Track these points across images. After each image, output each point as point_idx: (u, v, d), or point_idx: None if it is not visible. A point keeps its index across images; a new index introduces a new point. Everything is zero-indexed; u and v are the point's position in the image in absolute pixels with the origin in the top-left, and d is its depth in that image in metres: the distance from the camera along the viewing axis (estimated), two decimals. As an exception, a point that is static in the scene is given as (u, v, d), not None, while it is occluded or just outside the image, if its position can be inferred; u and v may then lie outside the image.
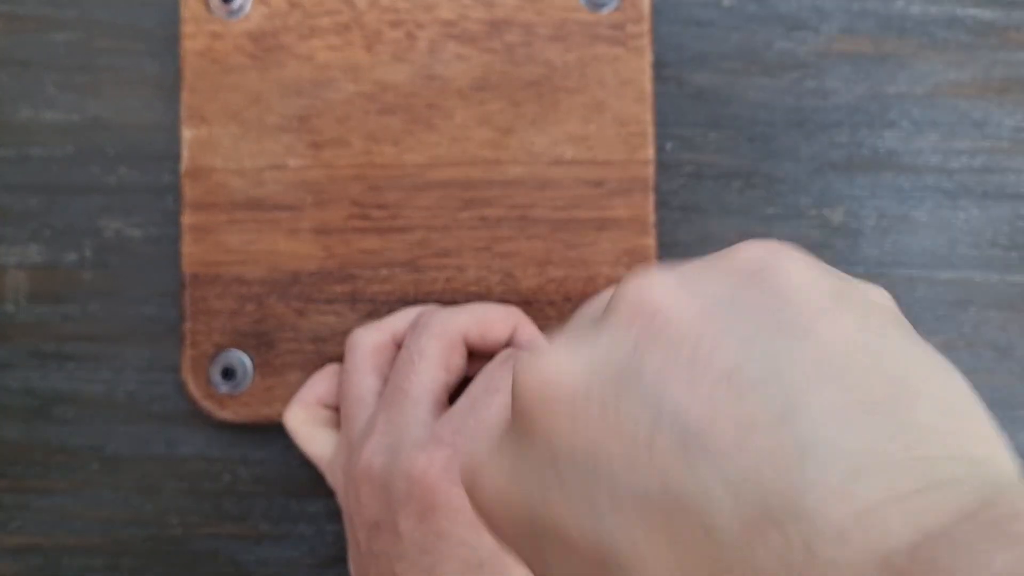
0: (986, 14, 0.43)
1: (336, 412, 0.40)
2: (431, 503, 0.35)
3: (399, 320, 0.39)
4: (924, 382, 0.18)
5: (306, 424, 0.40)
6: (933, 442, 0.17)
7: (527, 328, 0.40)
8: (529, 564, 0.21)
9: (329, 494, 0.43)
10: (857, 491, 0.16)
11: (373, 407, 0.38)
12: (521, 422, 0.20)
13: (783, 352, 0.18)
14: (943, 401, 0.18)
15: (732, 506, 0.17)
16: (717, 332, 0.19)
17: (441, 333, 0.38)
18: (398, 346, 0.39)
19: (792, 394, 0.18)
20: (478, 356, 0.39)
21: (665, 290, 0.20)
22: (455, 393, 0.38)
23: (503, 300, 0.41)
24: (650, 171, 0.41)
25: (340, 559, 0.43)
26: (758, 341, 0.18)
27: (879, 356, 0.18)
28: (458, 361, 0.38)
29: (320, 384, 0.40)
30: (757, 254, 0.20)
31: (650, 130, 0.41)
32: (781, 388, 0.18)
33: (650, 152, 0.41)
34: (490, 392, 0.36)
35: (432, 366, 0.37)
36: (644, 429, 0.18)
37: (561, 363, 0.20)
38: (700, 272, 0.21)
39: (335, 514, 0.43)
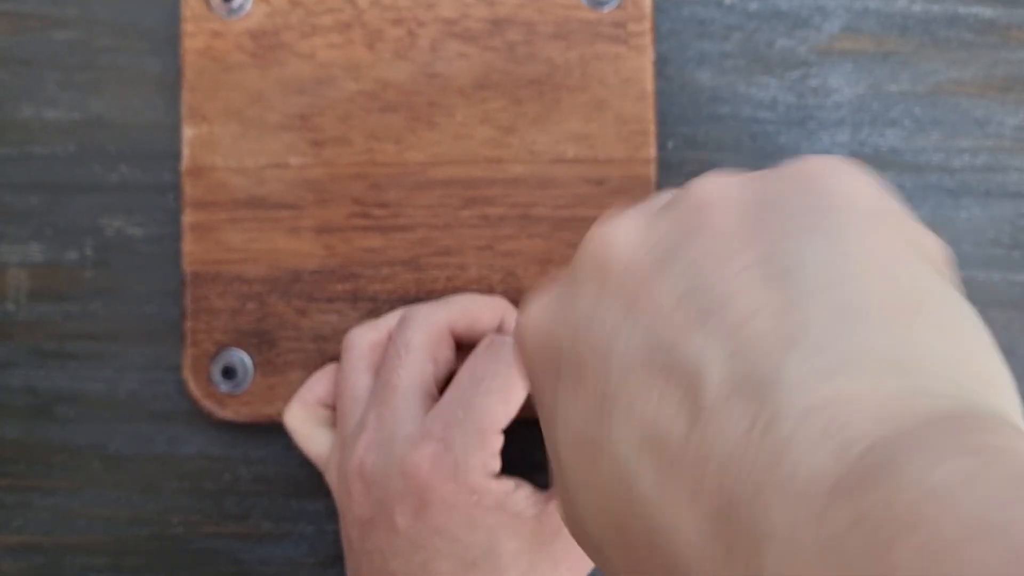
0: (988, 12, 0.43)
1: (335, 411, 0.40)
2: (426, 499, 0.35)
3: (395, 319, 0.39)
4: (935, 311, 0.20)
5: (306, 424, 0.40)
6: (923, 360, 0.18)
7: (514, 319, 0.39)
8: (539, 399, 0.24)
9: (329, 493, 0.43)
10: (830, 383, 0.18)
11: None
12: (579, 270, 0.23)
13: (811, 249, 0.20)
14: (950, 332, 0.19)
15: (720, 374, 0.19)
16: (756, 225, 0.21)
17: (426, 325, 0.38)
18: None
19: (805, 287, 0.19)
20: (467, 347, 0.39)
21: (721, 190, 0.22)
22: (446, 385, 0.38)
23: (504, 298, 0.41)
24: (652, 169, 0.41)
25: (341, 558, 0.43)
26: (793, 236, 0.20)
27: (898, 275, 0.20)
28: (446, 352, 0.38)
29: (319, 384, 0.40)
30: (820, 164, 0.22)
31: (652, 128, 0.41)
32: (798, 280, 0.19)
33: (652, 150, 0.41)
34: (475, 381, 0.36)
35: (419, 359, 0.37)
36: (677, 292, 0.21)
37: (628, 231, 0.23)
38: (759, 177, 0.23)
39: (336, 513, 0.43)
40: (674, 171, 0.43)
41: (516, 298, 0.41)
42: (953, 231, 0.43)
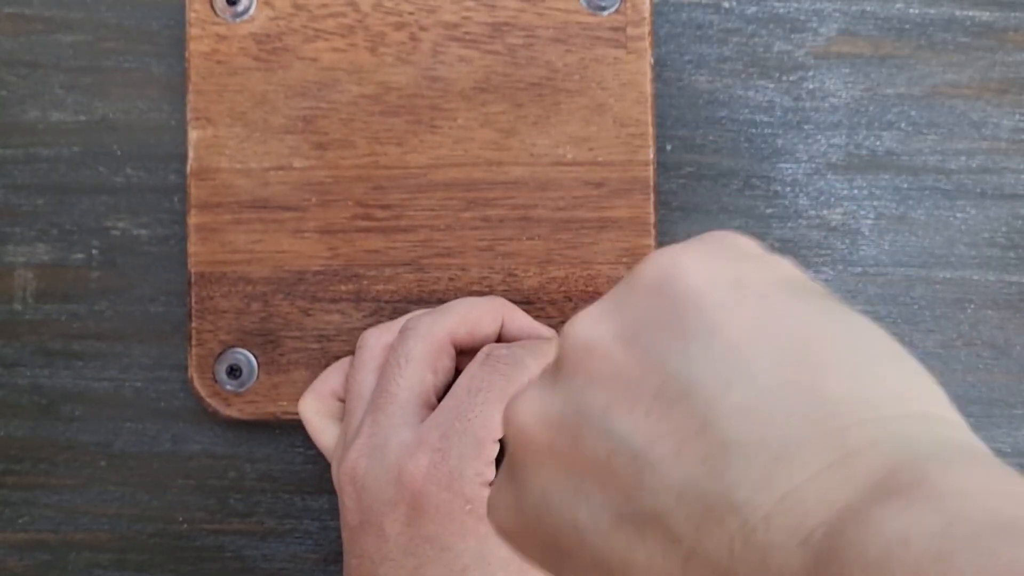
0: (984, 16, 0.44)
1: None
2: (420, 507, 0.35)
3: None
4: (829, 351, 0.20)
5: (318, 415, 0.40)
6: (842, 412, 0.19)
7: (515, 316, 0.40)
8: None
9: (333, 490, 0.43)
10: (776, 478, 0.19)
11: None
12: (512, 463, 0.24)
13: (697, 360, 0.21)
14: (848, 366, 0.20)
15: (681, 510, 0.20)
16: (640, 357, 0.22)
17: (427, 336, 0.38)
18: None
19: (710, 400, 0.20)
20: (468, 353, 0.39)
21: (593, 330, 0.23)
22: (445, 393, 0.39)
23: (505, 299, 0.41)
24: (650, 172, 0.42)
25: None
26: (674, 355, 0.21)
27: (781, 337, 0.21)
28: (446, 362, 0.38)
29: (334, 376, 0.41)
30: (658, 265, 0.23)
31: (650, 131, 0.42)
32: (700, 397, 0.20)
33: (650, 153, 0.42)
34: (472, 392, 0.37)
35: (418, 369, 0.37)
36: (603, 455, 0.21)
37: (534, 412, 0.23)
38: (618, 300, 0.23)
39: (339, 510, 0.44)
40: (672, 173, 0.44)
41: (517, 298, 0.41)
42: (949, 232, 0.43)
